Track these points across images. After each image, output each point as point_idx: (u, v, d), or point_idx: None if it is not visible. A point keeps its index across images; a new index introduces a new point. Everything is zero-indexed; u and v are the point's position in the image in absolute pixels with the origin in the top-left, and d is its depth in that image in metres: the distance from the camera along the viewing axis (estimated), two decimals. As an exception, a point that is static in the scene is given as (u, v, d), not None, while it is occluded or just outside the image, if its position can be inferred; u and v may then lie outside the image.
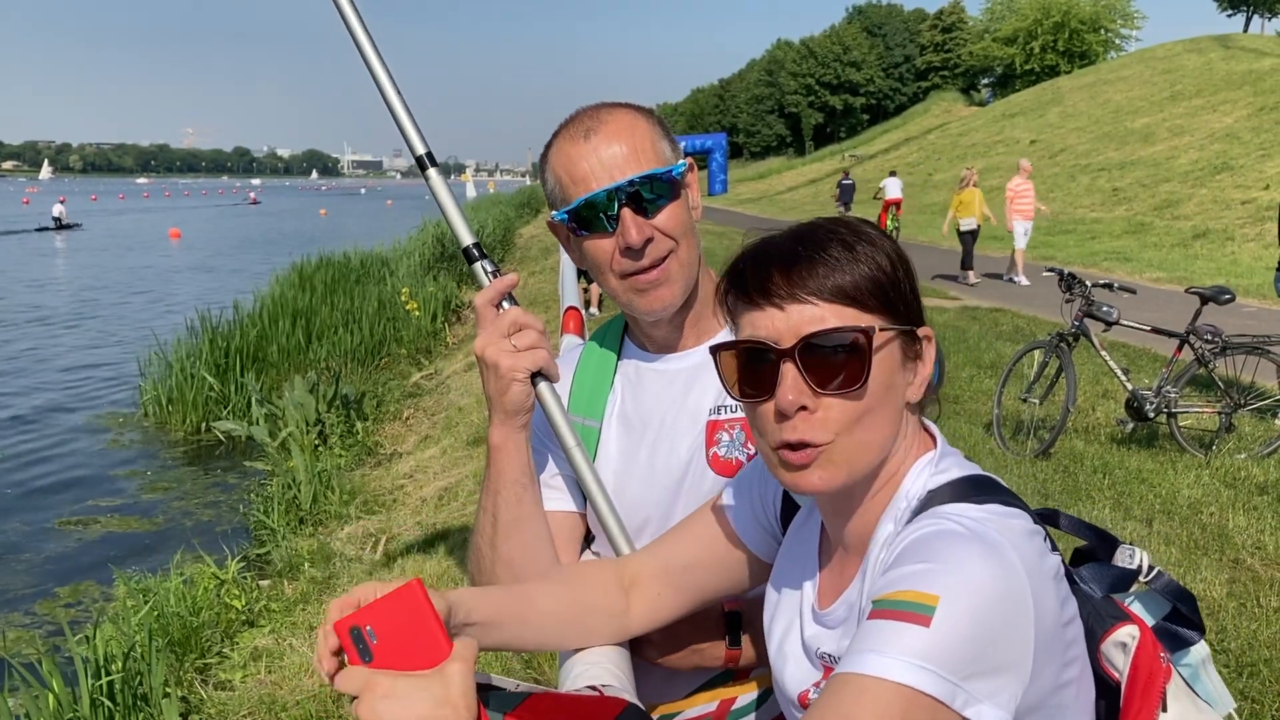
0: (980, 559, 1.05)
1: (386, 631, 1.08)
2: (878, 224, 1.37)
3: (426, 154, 1.82)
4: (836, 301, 1.17)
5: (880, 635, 1.04)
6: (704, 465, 1.70)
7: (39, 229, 53.27)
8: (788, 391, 1.17)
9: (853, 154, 76.01)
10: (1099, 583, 1.29)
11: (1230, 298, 7.26)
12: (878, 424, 1.20)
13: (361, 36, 1.83)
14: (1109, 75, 49.53)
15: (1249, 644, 4.41)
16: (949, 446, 1.30)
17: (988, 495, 1.18)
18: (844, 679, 1.04)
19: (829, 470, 1.19)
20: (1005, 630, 1.03)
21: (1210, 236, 21.97)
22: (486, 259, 1.72)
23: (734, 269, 1.25)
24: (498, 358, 1.58)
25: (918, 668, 1.00)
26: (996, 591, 1.04)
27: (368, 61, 1.83)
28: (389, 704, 1.03)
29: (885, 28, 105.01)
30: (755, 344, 1.20)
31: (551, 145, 1.70)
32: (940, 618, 1.01)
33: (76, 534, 8.32)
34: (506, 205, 42.68)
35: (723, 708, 1.71)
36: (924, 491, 1.22)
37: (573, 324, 5.51)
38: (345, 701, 4.41)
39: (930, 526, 1.13)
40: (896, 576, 1.08)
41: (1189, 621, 1.33)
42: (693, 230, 1.69)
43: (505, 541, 1.65)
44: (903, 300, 1.21)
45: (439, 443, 8.99)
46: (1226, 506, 6.14)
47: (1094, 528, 1.38)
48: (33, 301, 24.20)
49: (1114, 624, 1.25)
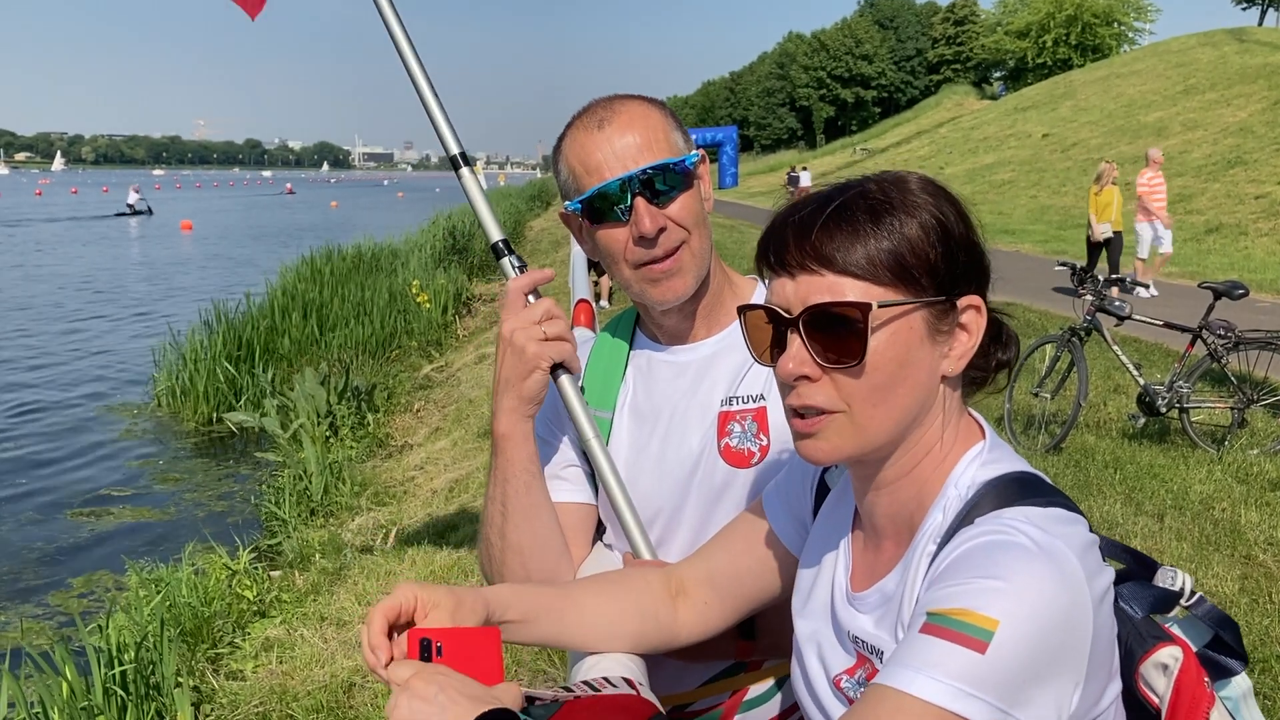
0: (1047, 579, 1.00)
1: (452, 652, 1.15)
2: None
3: (461, 153, 1.89)
4: (846, 274, 1.13)
5: (930, 653, 0.99)
6: (715, 456, 1.69)
7: (118, 214, 59.28)
8: (788, 360, 1.15)
9: (864, 147, 75.80)
10: (1139, 602, 1.22)
11: (1243, 293, 7.23)
12: (894, 399, 1.15)
13: (402, 40, 1.91)
14: (1122, 69, 49.27)
15: (1261, 640, 4.40)
16: (998, 438, 1.26)
17: (1047, 498, 1.13)
18: (883, 692, 1.01)
19: (835, 441, 1.16)
20: (1061, 654, 1.00)
21: (1223, 231, 21.86)
22: (514, 254, 1.79)
23: (766, 230, 1.22)
24: (526, 342, 1.59)
25: (966, 694, 0.96)
26: (1057, 615, 0.99)
27: (407, 65, 1.91)
28: (440, 678, 1.08)
29: (897, 21, 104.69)
30: (770, 309, 1.18)
31: (565, 136, 1.70)
32: (997, 644, 0.97)
33: (89, 524, 8.37)
34: (517, 198, 42.73)
35: (735, 699, 1.71)
36: (976, 483, 1.17)
37: (583, 317, 5.52)
38: (356, 693, 4.44)
39: (993, 535, 1.07)
40: (954, 590, 1.03)
41: (1231, 651, 1.26)
42: (705, 221, 1.69)
43: (514, 531, 1.66)
44: (932, 271, 1.15)
45: (449, 435, 9.01)
46: (1239, 502, 6.12)
47: (1132, 551, 1.31)
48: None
49: (1155, 644, 1.18)
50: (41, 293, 24.05)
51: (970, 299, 1.19)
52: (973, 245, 1.21)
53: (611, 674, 1.39)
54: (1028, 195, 32.61)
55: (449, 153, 1.89)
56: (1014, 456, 1.23)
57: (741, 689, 1.71)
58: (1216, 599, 4.82)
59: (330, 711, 4.35)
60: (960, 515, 1.14)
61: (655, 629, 1.50)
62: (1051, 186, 32.62)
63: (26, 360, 15.63)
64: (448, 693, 1.06)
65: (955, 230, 1.18)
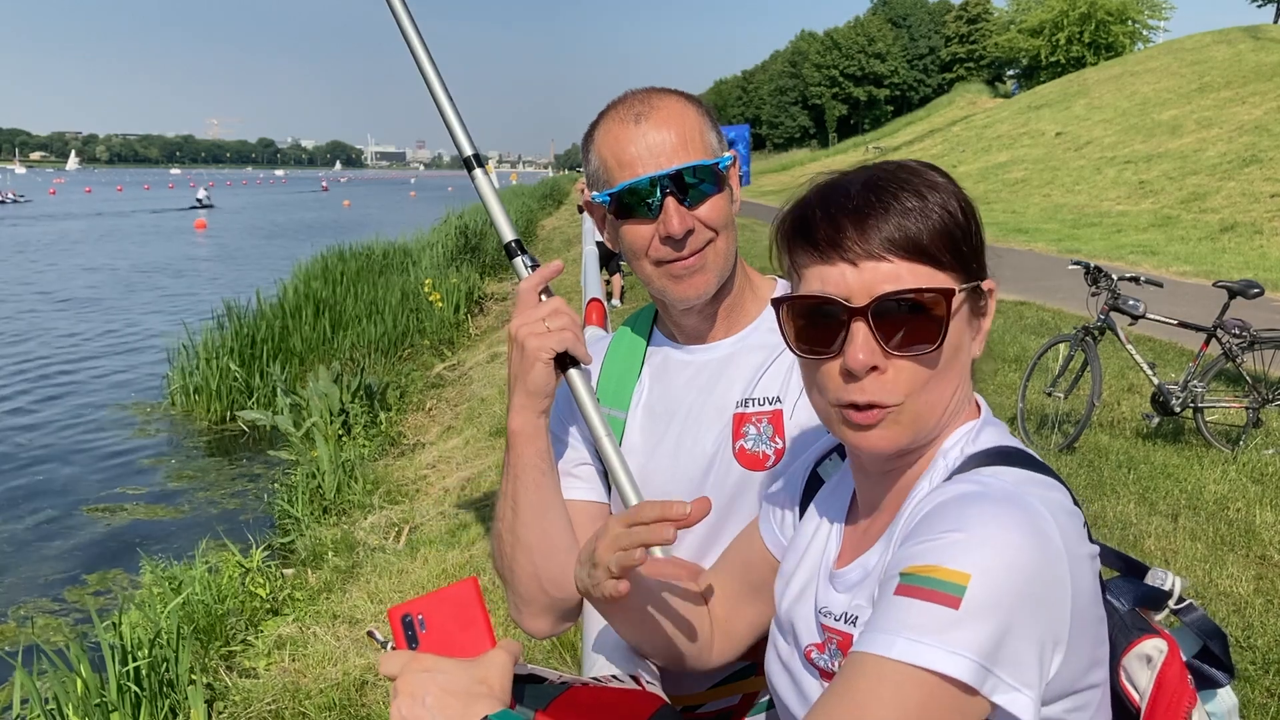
0: (1015, 528, 0.98)
1: (436, 622, 1.15)
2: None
3: (474, 155, 1.90)
4: (912, 258, 1.11)
5: (905, 614, 0.97)
6: (730, 458, 1.69)
7: (189, 207, 68.33)
8: (858, 350, 1.10)
9: (876, 145, 75.59)
10: (1126, 596, 1.21)
11: (1259, 292, 7.19)
12: (946, 384, 1.15)
13: (418, 45, 1.92)
14: (1136, 67, 49.00)
15: (1276, 640, 4.37)
16: (993, 417, 1.25)
17: (1028, 465, 1.12)
18: (862, 659, 0.99)
19: (894, 430, 1.14)
20: (1038, 607, 0.97)
21: (1238, 230, 21.71)
22: (526, 254, 1.79)
23: (800, 214, 1.17)
24: (527, 337, 1.60)
25: (945, 652, 0.94)
26: (1032, 566, 0.97)
27: (422, 68, 1.92)
28: (425, 676, 1.06)
29: (910, 19, 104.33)
30: (825, 300, 1.13)
31: (598, 125, 1.68)
32: (970, 598, 0.95)
33: (104, 521, 8.41)
34: (529, 197, 42.73)
35: (745, 701, 1.70)
36: (964, 455, 1.16)
37: (595, 315, 5.52)
38: (369, 690, 4.45)
39: (961, 488, 1.06)
40: (925, 547, 1.01)
41: (1218, 662, 1.23)
42: (733, 223, 1.68)
43: (525, 528, 1.65)
44: (974, 253, 1.16)
45: (461, 433, 9.02)
46: (1253, 502, 6.08)
47: (1124, 556, 1.28)
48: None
49: (1140, 635, 1.16)
50: (83, 286, 24.32)
51: (990, 282, 1.20)
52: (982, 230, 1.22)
53: (619, 673, 1.40)
54: (1041, 194, 32.45)
55: (463, 154, 1.90)
56: (1005, 434, 1.22)
57: (751, 691, 1.70)
58: (1231, 600, 4.80)
59: (343, 709, 4.36)
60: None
61: (694, 652, 1.49)
62: (1065, 185, 32.44)
63: (53, 356, 15.71)
64: (434, 694, 1.05)
65: (975, 213, 1.19)
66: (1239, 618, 4.59)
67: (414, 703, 1.05)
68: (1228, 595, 4.85)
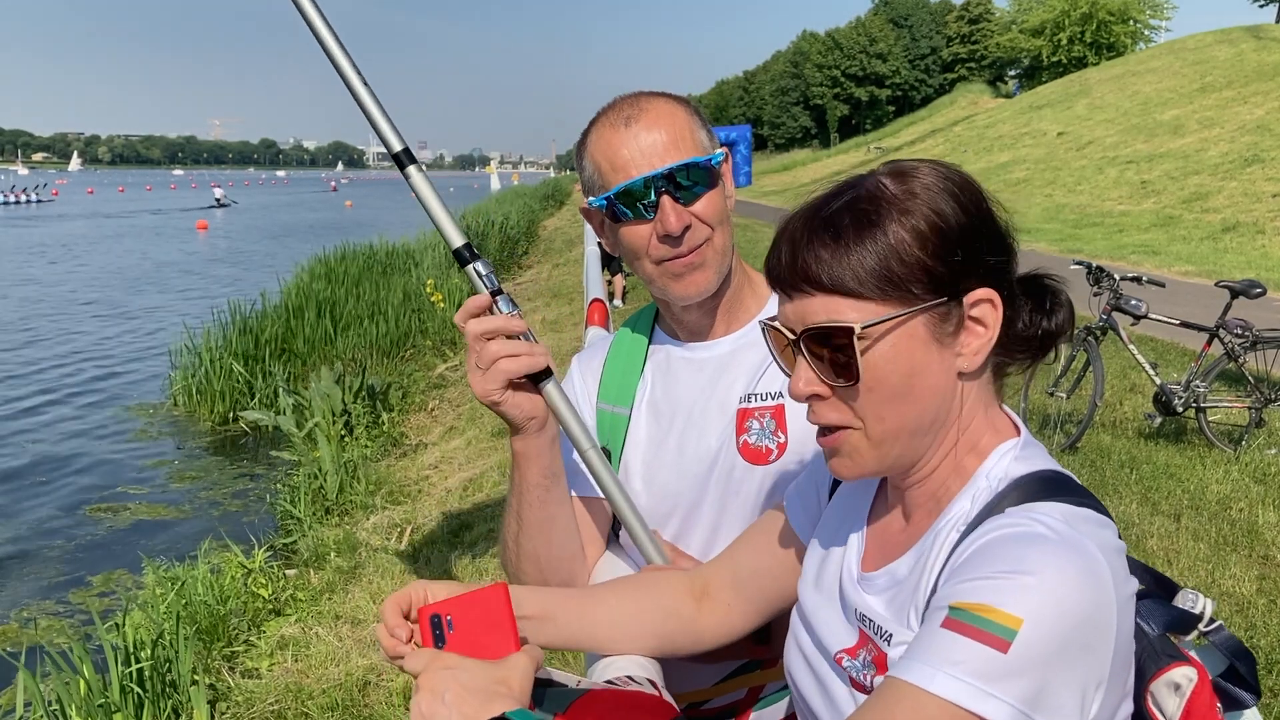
0: (1074, 576, 0.97)
1: (464, 624, 1.18)
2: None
3: (404, 150, 1.69)
4: (835, 293, 1.10)
5: (950, 650, 0.96)
6: (734, 453, 1.70)
7: (209, 207, 71.99)
8: (798, 380, 1.15)
9: (878, 146, 75.59)
10: (1156, 620, 1.18)
11: (1261, 292, 7.19)
12: (906, 409, 1.13)
13: (323, 30, 1.71)
14: (1138, 67, 48.98)
15: (1278, 640, 4.37)
16: (1032, 437, 1.23)
17: (1080, 498, 1.10)
18: (901, 687, 0.99)
19: (856, 458, 1.15)
20: (1085, 654, 0.96)
21: (1240, 230, 21.70)
22: (479, 260, 1.63)
23: (772, 243, 1.20)
24: (472, 384, 1.60)
25: (986, 694, 0.93)
26: (1084, 613, 0.96)
27: (331, 56, 1.71)
28: (447, 673, 1.09)
29: (911, 19, 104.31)
30: (775, 328, 1.19)
31: (590, 132, 1.70)
32: (1020, 643, 0.93)
33: (107, 521, 8.42)
34: (530, 197, 42.74)
35: (751, 695, 1.71)
36: (1008, 476, 1.14)
37: (597, 316, 5.52)
38: (371, 691, 4.45)
39: (1019, 527, 1.04)
40: (977, 585, 0.99)
41: (1245, 683, 1.22)
42: (728, 219, 1.70)
43: (529, 540, 1.69)
44: (928, 275, 1.10)
45: (464, 434, 9.03)
46: (1256, 502, 6.08)
47: (1153, 571, 1.26)
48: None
49: (1170, 663, 1.14)
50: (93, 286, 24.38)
51: (979, 293, 1.13)
52: (981, 235, 1.14)
53: (635, 674, 1.40)
54: (1043, 194, 32.44)
55: (391, 150, 1.69)
56: (1047, 456, 1.20)
57: (758, 685, 1.71)
58: (1234, 600, 4.80)
59: (345, 710, 4.36)
60: (989, 506, 1.12)
61: (679, 630, 1.49)
62: (1067, 185, 32.43)
63: (56, 355, 15.73)
64: (454, 690, 1.08)
65: (954, 226, 1.11)
66: (1242, 618, 4.59)
67: (434, 698, 1.08)
68: (1230, 595, 4.85)
